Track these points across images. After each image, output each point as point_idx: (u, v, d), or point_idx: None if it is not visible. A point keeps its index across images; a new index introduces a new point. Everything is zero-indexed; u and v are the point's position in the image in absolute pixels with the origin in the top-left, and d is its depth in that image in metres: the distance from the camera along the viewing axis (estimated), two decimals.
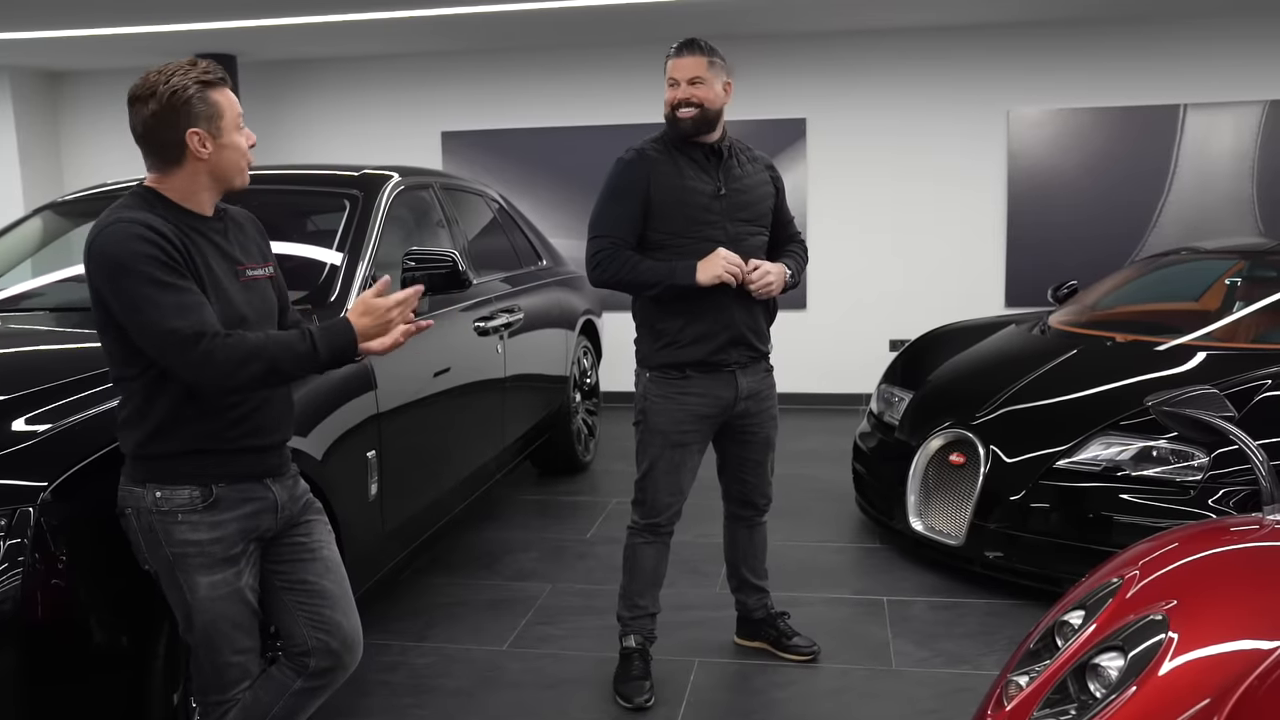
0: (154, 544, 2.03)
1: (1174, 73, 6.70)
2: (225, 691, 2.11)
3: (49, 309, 3.43)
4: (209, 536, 2.03)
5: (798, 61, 7.06)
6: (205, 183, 2.04)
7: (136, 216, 1.95)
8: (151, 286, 1.89)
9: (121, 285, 1.90)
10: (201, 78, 1.99)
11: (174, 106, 1.97)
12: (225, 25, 6.28)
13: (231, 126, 2.04)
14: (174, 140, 1.99)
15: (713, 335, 2.98)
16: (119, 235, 1.92)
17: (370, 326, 2.04)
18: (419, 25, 6.38)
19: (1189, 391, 2.17)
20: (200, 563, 2.03)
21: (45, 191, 7.78)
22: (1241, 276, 4.75)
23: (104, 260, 1.92)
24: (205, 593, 2.04)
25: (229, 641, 2.08)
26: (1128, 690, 1.45)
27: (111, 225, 1.94)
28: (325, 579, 2.21)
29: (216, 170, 2.04)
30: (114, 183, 3.99)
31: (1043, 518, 3.68)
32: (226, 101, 2.03)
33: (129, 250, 1.90)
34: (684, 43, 2.94)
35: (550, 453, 5.34)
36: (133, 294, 1.90)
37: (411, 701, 3.12)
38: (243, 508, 2.07)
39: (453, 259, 3.40)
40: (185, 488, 2.01)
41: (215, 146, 2.01)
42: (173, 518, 2.01)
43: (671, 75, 2.93)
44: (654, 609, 3.18)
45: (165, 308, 1.89)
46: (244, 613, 2.10)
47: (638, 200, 2.94)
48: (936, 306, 6.85)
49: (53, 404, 2.28)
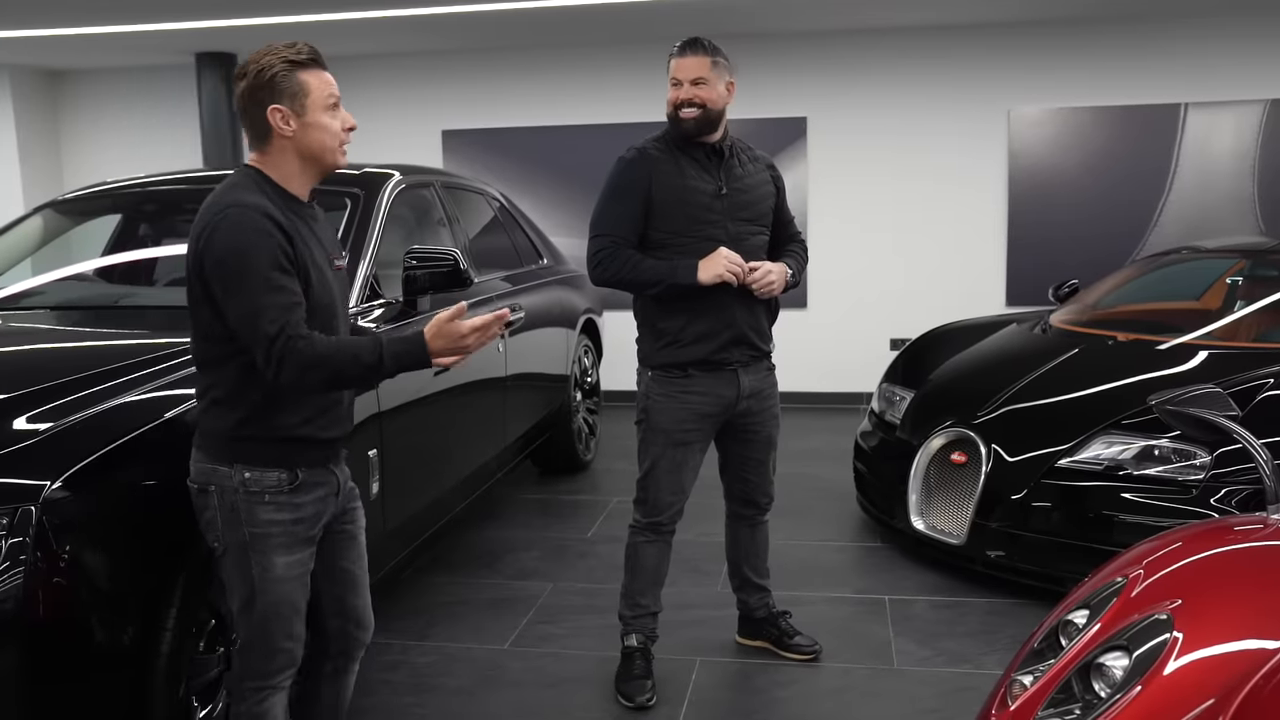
0: (233, 523, 2.07)
1: (1175, 72, 6.70)
2: (270, 678, 2.14)
3: (49, 307, 3.43)
4: (292, 517, 2.09)
5: (798, 60, 7.06)
6: (296, 163, 2.09)
7: (253, 202, 1.99)
8: (262, 285, 1.95)
9: (236, 277, 1.95)
10: (290, 57, 2.05)
11: (259, 84, 2.03)
12: (225, 24, 6.28)
13: (319, 106, 2.07)
14: (259, 116, 2.05)
15: (714, 334, 2.98)
16: (241, 224, 1.96)
17: (443, 349, 2.07)
18: (419, 24, 6.38)
19: (1193, 391, 2.17)
20: (281, 542, 2.08)
21: (45, 190, 7.77)
22: (1243, 275, 4.75)
23: (225, 250, 1.96)
24: (280, 572, 2.08)
25: (286, 625, 2.12)
26: (1133, 690, 1.45)
27: (231, 209, 1.98)
28: (356, 565, 2.32)
29: (303, 149, 2.07)
30: (114, 181, 3.98)
31: (1044, 517, 3.68)
32: (317, 82, 2.07)
33: (250, 243, 1.95)
34: (687, 42, 2.94)
35: (551, 452, 5.33)
36: (243, 288, 1.95)
37: (413, 701, 3.12)
38: (318, 490, 2.14)
39: (454, 258, 3.40)
40: (275, 470, 2.07)
41: (299, 125, 2.05)
42: (259, 498, 2.06)
43: (674, 75, 2.92)
44: (656, 608, 3.18)
45: (266, 309, 1.95)
46: (303, 598, 2.15)
47: (639, 199, 2.93)
48: (937, 305, 6.84)
49: (54, 402, 2.28)
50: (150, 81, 7.92)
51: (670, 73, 2.93)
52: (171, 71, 7.74)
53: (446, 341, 2.06)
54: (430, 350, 2.06)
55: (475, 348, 2.10)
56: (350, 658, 2.37)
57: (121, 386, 2.36)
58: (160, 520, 2.17)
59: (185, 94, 7.69)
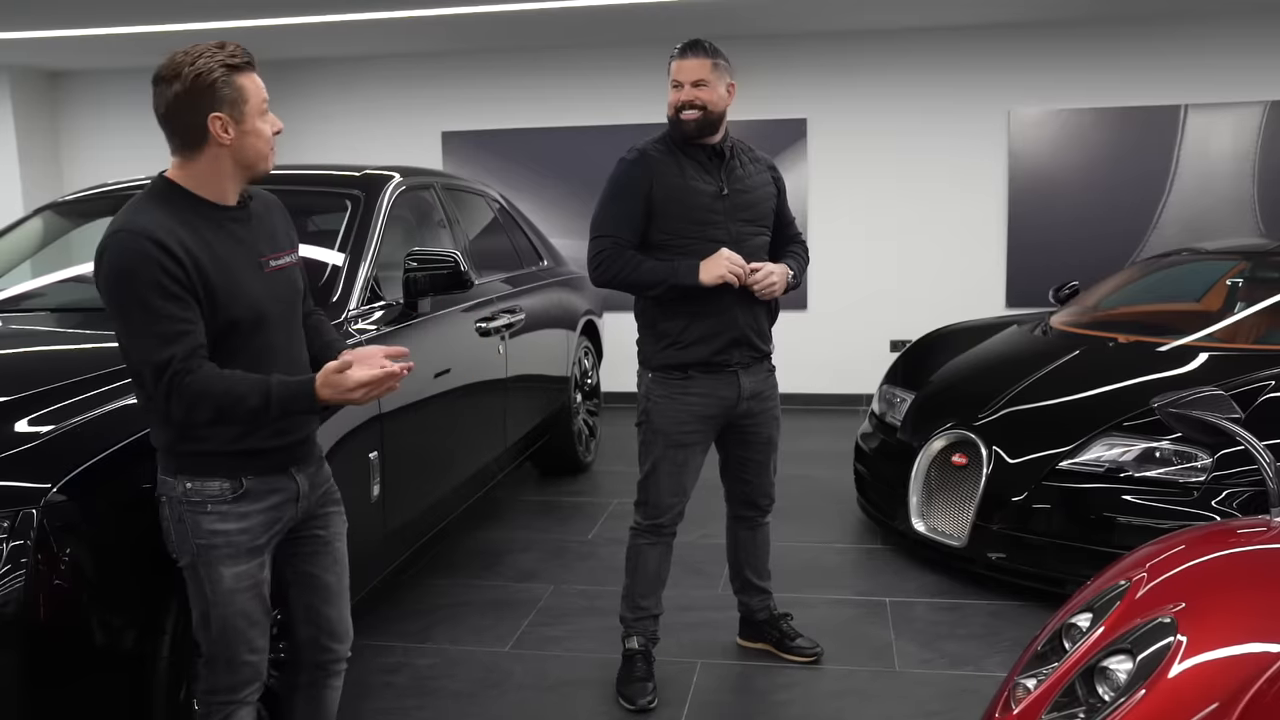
0: (183, 534, 2.04)
1: (1175, 73, 6.69)
2: (236, 692, 2.11)
3: (50, 309, 3.43)
4: (236, 527, 2.04)
5: (798, 61, 7.05)
6: (228, 169, 2.00)
7: (145, 225, 1.91)
8: (141, 312, 1.88)
9: (117, 302, 1.91)
10: (228, 60, 1.95)
11: (198, 89, 1.93)
12: (226, 25, 6.27)
13: (255, 112, 1.98)
14: (196, 124, 1.95)
15: (715, 336, 2.98)
16: (125, 248, 1.90)
17: (331, 398, 1.99)
18: (419, 25, 6.37)
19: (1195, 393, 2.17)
20: (226, 553, 2.03)
21: (45, 191, 7.76)
22: (1244, 277, 4.74)
23: (107, 272, 1.92)
24: (229, 584, 2.04)
25: (244, 639, 2.08)
26: (1137, 693, 1.44)
27: (120, 233, 1.92)
28: (329, 572, 2.25)
29: (239, 156, 1.99)
30: (114, 183, 3.99)
31: (1045, 519, 3.68)
32: (252, 86, 1.98)
33: (129, 268, 1.88)
34: (688, 44, 2.93)
35: (551, 453, 5.33)
36: (126, 316, 1.91)
37: (414, 703, 3.11)
38: (269, 499, 2.08)
39: (455, 259, 3.40)
40: (216, 480, 2.02)
41: (238, 132, 1.97)
42: (202, 508, 2.02)
43: (675, 77, 2.92)
44: (657, 610, 3.18)
45: (147, 337, 1.89)
46: (260, 610, 2.10)
47: (640, 200, 2.93)
48: (937, 307, 6.84)
49: (55, 405, 2.28)
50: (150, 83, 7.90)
51: (671, 74, 2.93)
52: None
53: (333, 391, 1.97)
54: (319, 398, 1.98)
55: (364, 400, 2.02)
56: (326, 671, 2.30)
57: (122, 389, 2.35)
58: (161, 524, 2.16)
59: None
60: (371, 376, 1.98)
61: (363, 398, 2.00)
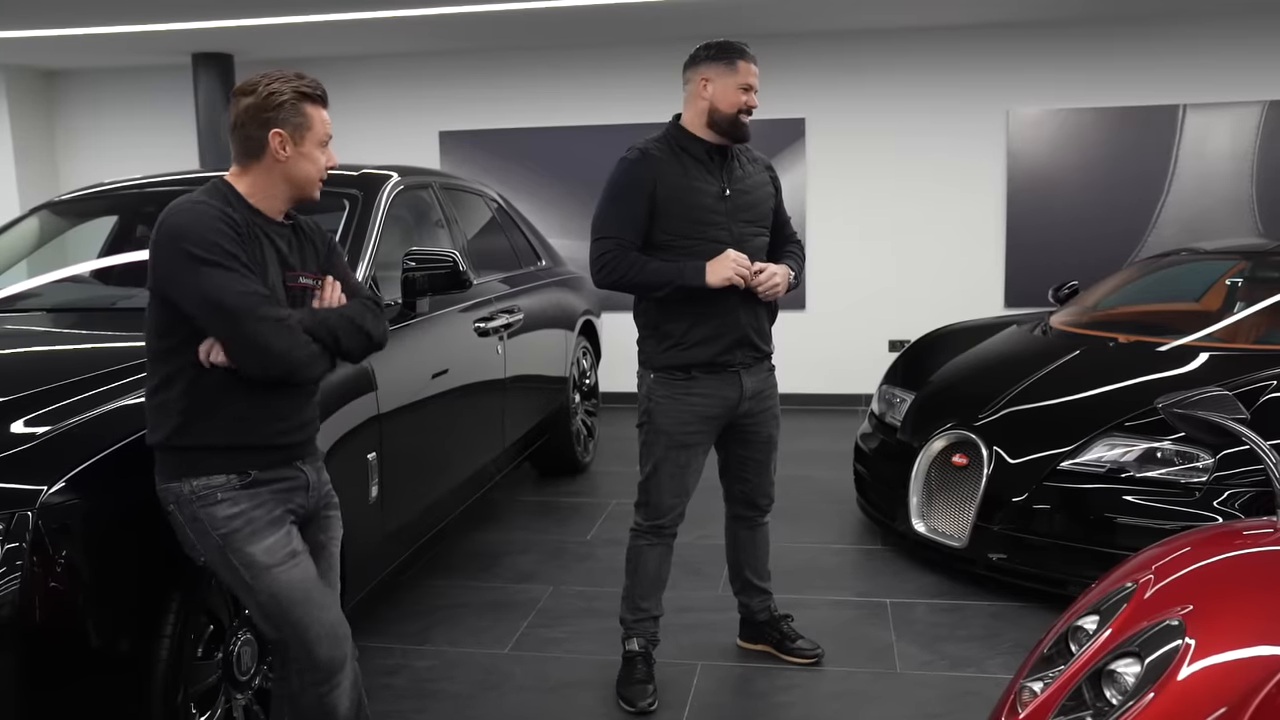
0: (202, 532, 2.07)
1: (1173, 73, 6.69)
2: (333, 675, 2.15)
3: (46, 309, 3.41)
4: (250, 505, 2.08)
5: (797, 61, 7.04)
6: (279, 186, 2.14)
7: (213, 203, 2.04)
8: (220, 256, 1.97)
9: (190, 253, 1.96)
10: (301, 89, 2.12)
11: (268, 105, 2.09)
12: (222, 24, 6.25)
13: (315, 141, 2.14)
14: (259, 136, 2.10)
15: (719, 337, 2.96)
16: (194, 212, 2.01)
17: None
18: (416, 25, 6.36)
19: (1200, 393, 2.15)
20: (248, 532, 2.07)
21: (41, 191, 7.74)
22: (1244, 277, 4.74)
23: (174, 231, 2.00)
24: (263, 560, 2.07)
25: (308, 610, 2.10)
26: (1145, 697, 1.43)
27: (187, 205, 2.03)
28: (324, 577, 2.26)
29: (290, 175, 2.13)
30: (110, 182, 3.96)
31: (1046, 519, 3.67)
32: (319, 118, 2.15)
33: (201, 224, 1.99)
34: (744, 46, 2.98)
35: (550, 454, 5.31)
36: (201, 259, 1.96)
37: (413, 705, 3.09)
38: (278, 484, 2.14)
39: (453, 259, 3.38)
40: (220, 475, 2.07)
41: (294, 153, 2.12)
42: (212, 499, 2.06)
43: (745, 80, 2.96)
44: (657, 612, 3.16)
45: (227, 279, 1.97)
46: (309, 580, 2.13)
47: (643, 201, 2.91)
48: (936, 306, 6.83)
49: (51, 406, 2.26)
50: (147, 82, 7.89)
51: (739, 75, 2.95)
52: (168, 72, 7.71)
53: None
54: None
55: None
56: (324, 675, 2.22)
57: (119, 390, 2.34)
58: (158, 525, 2.14)
59: (182, 94, 7.66)
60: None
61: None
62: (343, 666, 2.18)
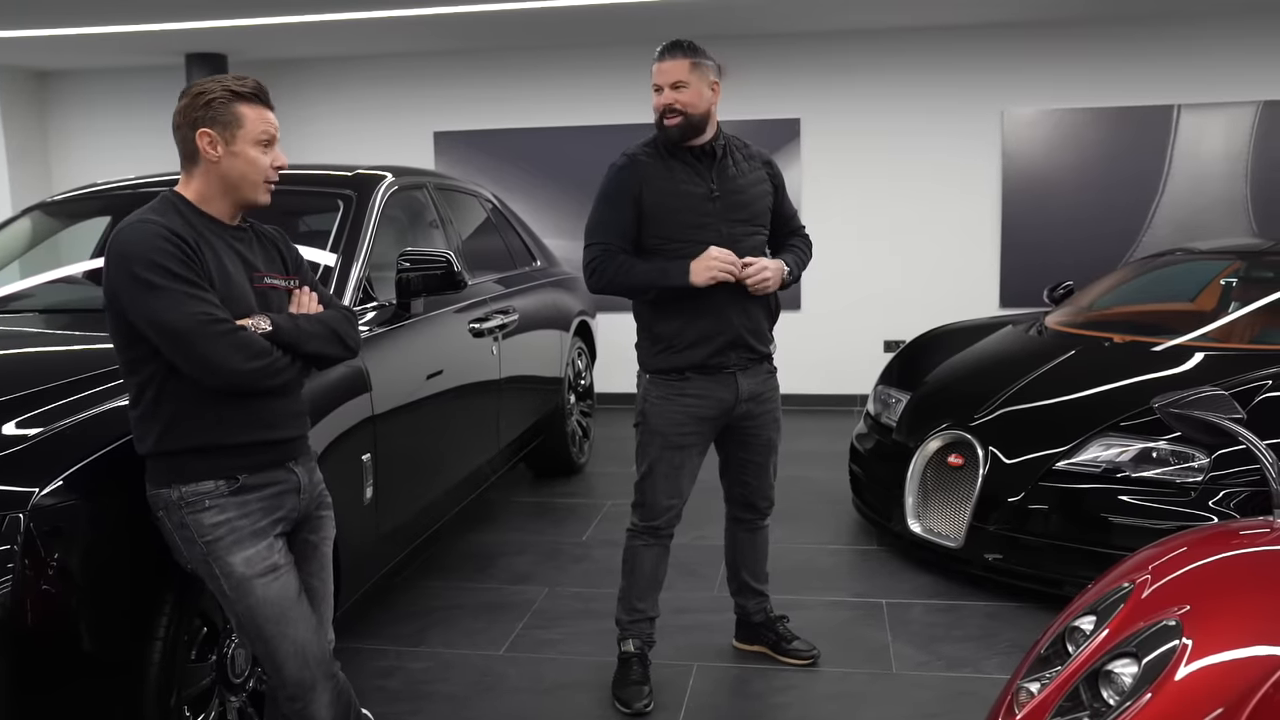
0: (188, 539, 2.06)
1: (1168, 73, 6.70)
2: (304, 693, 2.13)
3: (38, 310, 3.39)
4: (236, 514, 2.06)
5: (792, 61, 7.04)
6: (218, 188, 2.10)
7: (158, 219, 2.01)
8: (163, 278, 1.94)
9: (136, 275, 1.94)
10: (233, 87, 2.08)
11: (195, 105, 2.07)
12: (216, 24, 6.23)
13: (249, 139, 2.08)
14: (189, 138, 2.07)
15: (711, 338, 2.95)
16: (139, 233, 1.98)
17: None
18: (411, 25, 6.34)
19: (1197, 393, 2.15)
20: (231, 541, 2.05)
21: (33, 192, 7.71)
22: (1238, 277, 4.74)
23: (120, 252, 1.97)
24: (242, 570, 2.06)
25: (278, 628, 2.09)
26: (1143, 697, 1.42)
27: (133, 224, 2.01)
28: (315, 577, 2.27)
29: (225, 176, 2.08)
30: (103, 183, 3.94)
31: (1042, 520, 3.66)
32: (253, 116, 2.09)
33: (145, 245, 1.96)
34: (667, 45, 2.90)
35: (545, 455, 5.30)
36: (146, 283, 1.94)
37: (408, 707, 3.08)
38: (268, 489, 2.12)
39: (448, 260, 3.37)
40: (209, 481, 2.05)
41: (225, 153, 2.07)
42: (200, 505, 2.05)
43: (654, 80, 2.89)
44: (653, 613, 3.15)
45: (173, 301, 1.93)
46: (288, 598, 2.10)
47: (629, 206, 2.91)
48: (931, 307, 6.83)
49: (43, 407, 2.24)
50: (140, 82, 7.86)
51: (652, 78, 2.90)
52: (161, 72, 7.69)
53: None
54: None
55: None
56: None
57: (111, 391, 2.32)
58: (151, 527, 2.13)
59: (175, 95, 7.52)
60: None
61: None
62: (313, 687, 2.15)
